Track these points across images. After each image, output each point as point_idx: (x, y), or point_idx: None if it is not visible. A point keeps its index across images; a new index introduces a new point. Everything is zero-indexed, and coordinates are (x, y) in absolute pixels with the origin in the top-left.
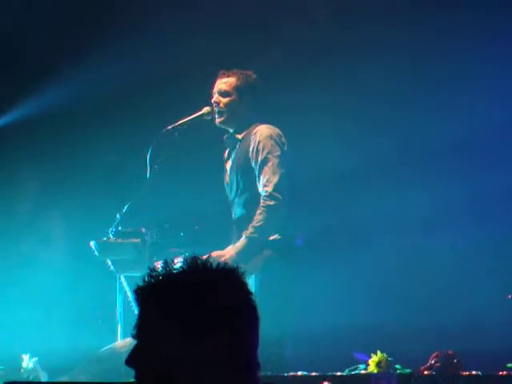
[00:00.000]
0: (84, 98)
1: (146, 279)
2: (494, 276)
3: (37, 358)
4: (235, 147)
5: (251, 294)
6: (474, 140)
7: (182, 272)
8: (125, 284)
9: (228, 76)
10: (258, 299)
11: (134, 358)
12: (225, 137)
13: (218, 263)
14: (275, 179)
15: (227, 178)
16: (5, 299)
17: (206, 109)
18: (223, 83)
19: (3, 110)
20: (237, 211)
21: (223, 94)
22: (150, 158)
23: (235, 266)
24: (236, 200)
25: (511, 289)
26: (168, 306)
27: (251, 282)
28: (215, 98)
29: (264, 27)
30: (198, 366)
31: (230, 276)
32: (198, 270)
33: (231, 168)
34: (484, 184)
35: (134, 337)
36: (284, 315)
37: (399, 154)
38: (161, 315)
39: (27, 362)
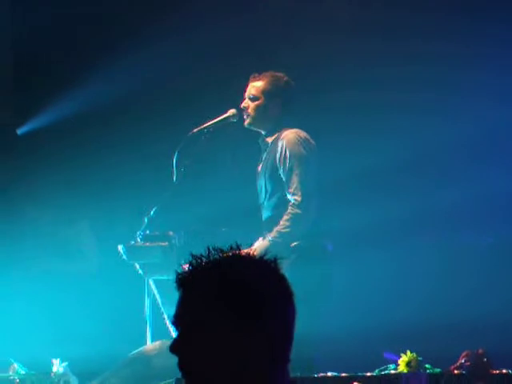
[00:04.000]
0: (108, 106)
1: (191, 266)
2: None
3: (67, 363)
4: (266, 151)
5: (291, 287)
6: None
7: (228, 260)
8: (153, 287)
9: (258, 79)
10: None
11: (179, 344)
12: (260, 140)
13: (260, 256)
14: (304, 188)
15: (257, 182)
16: (34, 305)
17: (232, 111)
18: (252, 87)
19: (26, 118)
20: (266, 214)
21: (252, 98)
22: (176, 161)
23: (276, 258)
24: (265, 203)
25: None
26: (215, 291)
27: None
28: (244, 102)
29: (283, 31)
30: (241, 352)
31: (271, 267)
32: (243, 259)
33: (260, 172)
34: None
35: (175, 323)
36: (313, 317)
37: (425, 152)
38: (208, 301)
39: (58, 366)
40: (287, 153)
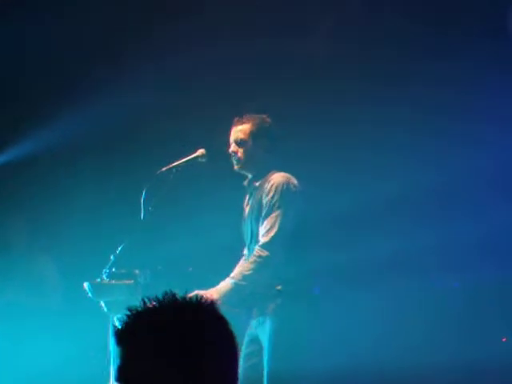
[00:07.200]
0: (76, 139)
1: (125, 320)
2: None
3: None
4: (253, 194)
5: (228, 326)
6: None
7: (159, 309)
8: (117, 325)
9: (242, 123)
10: (273, 344)
11: None
12: (244, 182)
13: (196, 298)
14: (274, 231)
15: (244, 224)
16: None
17: (201, 151)
18: (238, 131)
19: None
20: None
21: (239, 143)
22: (144, 199)
23: (213, 301)
24: (252, 246)
25: None
26: (152, 341)
27: (267, 326)
28: (232, 147)
29: (270, 66)
30: None
31: (208, 310)
32: (175, 306)
33: (248, 215)
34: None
35: (119, 379)
36: (298, 359)
37: (403, 194)
38: (148, 352)
39: None
40: (273, 196)
